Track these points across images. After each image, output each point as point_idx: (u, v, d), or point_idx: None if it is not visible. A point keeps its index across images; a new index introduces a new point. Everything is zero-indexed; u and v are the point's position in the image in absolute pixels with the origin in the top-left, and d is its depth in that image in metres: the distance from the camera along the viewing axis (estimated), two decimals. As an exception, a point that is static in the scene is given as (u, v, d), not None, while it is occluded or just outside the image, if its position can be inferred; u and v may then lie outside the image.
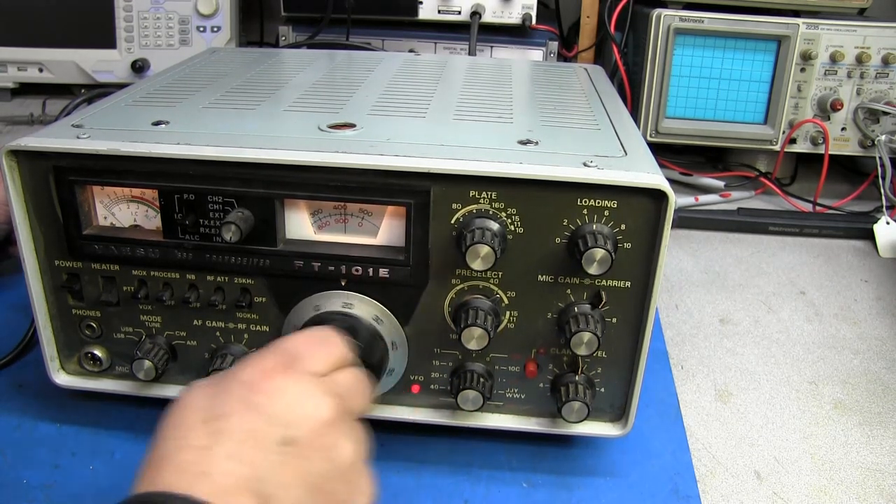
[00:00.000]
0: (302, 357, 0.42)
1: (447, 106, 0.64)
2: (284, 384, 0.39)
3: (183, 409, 0.39)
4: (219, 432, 0.37)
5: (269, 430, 0.37)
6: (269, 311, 0.56)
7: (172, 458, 0.36)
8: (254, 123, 0.57)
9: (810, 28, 1.02)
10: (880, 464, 0.63)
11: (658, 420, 0.64)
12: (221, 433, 0.37)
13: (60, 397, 0.62)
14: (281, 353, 0.41)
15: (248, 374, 0.40)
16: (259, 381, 0.39)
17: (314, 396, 0.39)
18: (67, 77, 1.31)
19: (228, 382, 0.39)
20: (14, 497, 0.54)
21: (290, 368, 0.41)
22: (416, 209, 0.51)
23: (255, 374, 0.40)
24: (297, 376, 0.40)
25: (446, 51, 1.23)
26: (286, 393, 0.39)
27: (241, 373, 0.40)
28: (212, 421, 0.37)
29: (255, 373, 0.40)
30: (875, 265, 0.97)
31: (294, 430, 0.38)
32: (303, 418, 0.38)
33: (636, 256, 0.51)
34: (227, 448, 0.36)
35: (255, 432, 0.37)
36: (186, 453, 0.36)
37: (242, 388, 0.39)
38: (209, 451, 0.36)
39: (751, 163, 1.18)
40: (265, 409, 0.38)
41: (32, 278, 0.56)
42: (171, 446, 0.37)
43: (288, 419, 0.38)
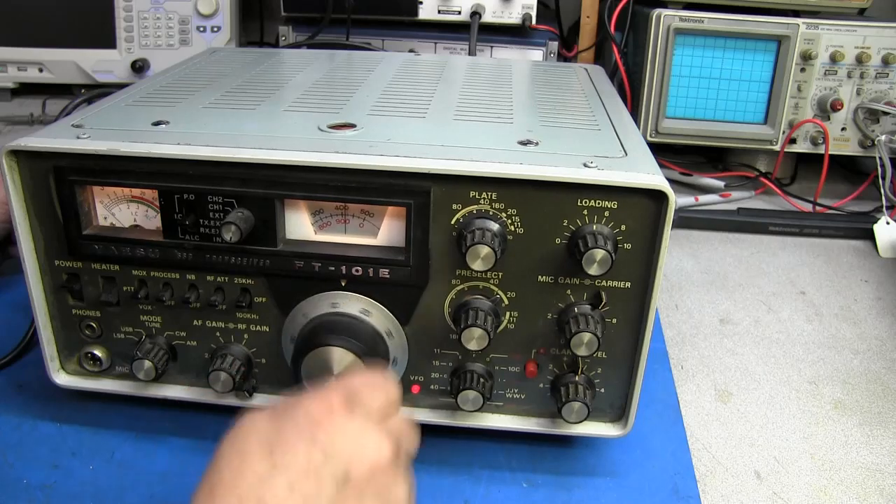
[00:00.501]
0: (362, 399, 0.42)
1: (447, 106, 0.64)
2: (347, 423, 0.40)
3: (246, 435, 0.39)
4: (281, 463, 0.37)
5: (329, 466, 0.38)
6: (269, 311, 0.56)
7: (231, 484, 0.37)
8: (253, 123, 0.57)
9: (810, 28, 1.02)
10: (880, 464, 0.63)
11: (658, 420, 0.64)
12: (284, 464, 0.37)
13: (60, 397, 0.62)
14: (341, 392, 0.42)
15: (313, 409, 0.40)
16: (324, 418, 0.40)
17: (374, 438, 0.40)
18: (67, 77, 1.31)
19: (293, 415, 0.40)
20: (14, 497, 0.54)
21: (353, 408, 0.41)
22: (416, 209, 0.51)
23: (321, 410, 0.40)
24: (360, 417, 0.41)
25: (446, 51, 1.23)
26: (348, 431, 0.40)
27: (308, 408, 0.40)
28: (275, 450, 0.38)
29: (320, 409, 0.40)
30: (875, 265, 0.97)
31: (353, 468, 0.38)
32: (362, 458, 0.39)
33: (636, 257, 0.51)
34: (287, 479, 0.37)
35: (316, 466, 0.37)
36: (245, 479, 0.37)
37: (307, 423, 0.39)
38: (269, 480, 0.36)
39: (751, 163, 1.18)
40: (328, 445, 0.38)
41: (32, 278, 0.56)
42: (230, 472, 0.37)
43: (348, 457, 0.39)
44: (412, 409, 0.59)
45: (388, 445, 0.41)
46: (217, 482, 0.37)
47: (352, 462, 0.39)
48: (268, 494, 0.36)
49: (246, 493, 0.36)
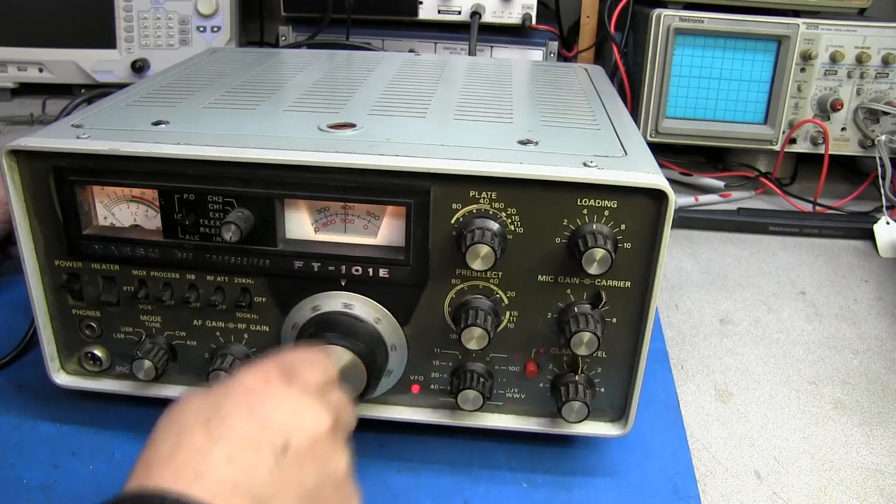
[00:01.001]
0: (300, 370, 0.42)
1: (447, 106, 0.64)
2: (285, 394, 0.40)
3: (181, 410, 0.39)
4: (218, 435, 0.37)
5: (268, 437, 0.37)
6: (269, 311, 0.56)
7: (168, 458, 0.36)
8: (254, 123, 0.57)
9: (810, 28, 1.02)
10: (880, 464, 0.63)
11: (658, 420, 0.64)
12: (221, 436, 0.37)
13: (60, 397, 0.62)
14: (278, 364, 0.42)
15: (249, 381, 0.40)
16: (261, 389, 0.40)
17: (313, 409, 0.40)
18: (67, 77, 1.31)
19: (229, 388, 0.40)
20: (14, 497, 0.54)
21: (291, 380, 0.41)
22: (416, 209, 0.51)
23: (258, 382, 0.40)
24: (298, 388, 0.41)
25: (446, 51, 1.23)
26: (287, 402, 0.39)
27: (243, 379, 0.40)
28: (212, 423, 0.37)
29: (257, 380, 0.40)
30: (875, 265, 0.97)
31: (292, 438, 0.38)
32: (301, 428, 0.39)
33: (636, 256, 0.51)
34: (225, 450, 0.36)
35: (255, 438, 0.37)
36: (183, 453, 0.36)
37: (244, 395, 0.39)
38: (207, 453, 0.36)
39: (751, 163, 1.18)
40: (266, 416, 0.38)
41: (32, 278, 0.56)
42: (167, 447, 0.37)
43: (287, 428, 0.38)
44: (412, 408, 0.59)
45: (326, 416, 0.40)
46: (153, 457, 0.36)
47: (291, 432, 0.38)
48: (205, 466, 0.35)
49: (183, 466, 0.35)
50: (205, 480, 0.35)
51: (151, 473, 0.35)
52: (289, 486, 0.37)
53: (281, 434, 0.38)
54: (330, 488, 0.40)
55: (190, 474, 0.35)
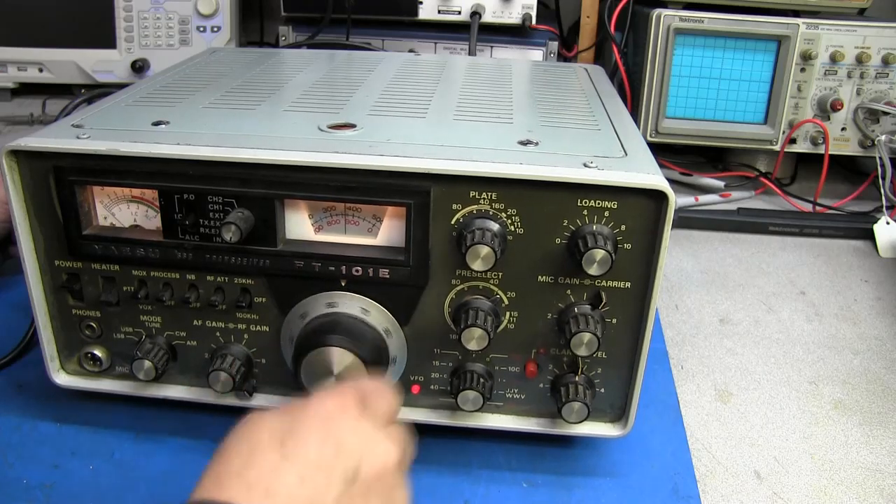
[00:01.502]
0: (373, 400, 0.43)
1: (447, 106, 0.64)
2: (360, 423, 0.40)
3: (256, 427, 0.39)
4: (292, 456, 0.37)
5: (340, 463, 0.38)
6: (269, 311, 0.56)
7: (240, 473, 0.36)
8: (253, 123, 0.57)
9: (810, 28, 1.02)
10: (880, 464, 0.63)
11: (658, 420, 0.64)
12: (295, 457, 0.37)
13: (60, 397, 0.62)
14: (355, 390, 0.43)
15: (327, 406, 0.40)
16: (338, 415, 0.40)
17: (384, 441, 0.41)
18: (67, 77, 1.31)
19: (305, 410, 0.40)
20: (14, 497, 0.54)
21: (365, 409, 0.42)
22: (416, 209, 0.51)
23: (335, 408, 0.40)
24: (370, 419, 0.41)
25: (446, 51, 1.23)
26: (361, 431, 0.40)
27: (320, 405, 0.41)
28: (287, 443, 0.38)
29: (334, 406, 0.41)
30: (875, 265, 0.97)
31: (363, 467, 0.39)
32: (372, 458, 0.39)
33: (636, 257, 0.51)
34: (298, 472, 0.36)
35: (328, 462, 0.37)
36: (255, 470, 0.36)
37: (320, 418, 0.39)
38: (280, 472, 0.36)
39: (751, 163, 1.18)
40: (340, 441, 0.39)
41: (32, 278, 0.56)
42: (238, 462, 0.37)
43: (359, 456, 0.39)
44: (412, 409, 0.59)
45: (395, 449, 0.41)
46: (225, 470, 0.37)
47: (362, 461, 0.39)
48: (277, 484, 0.35)
49: (255, 482, 0.36)
50: (275, 499, 0.35)
51: (222, 487, 0.36)
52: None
53: (353, 461, 0.38)
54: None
55: (261, 492, 0.35)
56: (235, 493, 0.35)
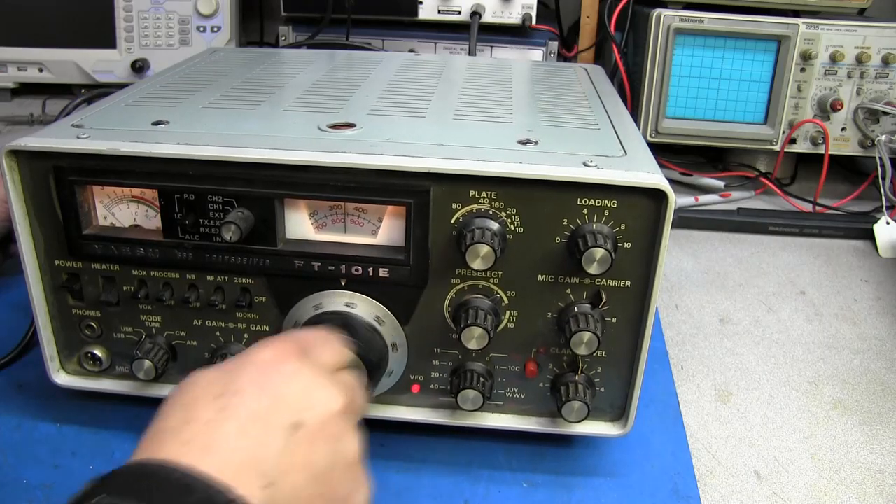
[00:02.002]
0: (315, 349, 0.42)
1: (447, 106, 0.64)
2: (299, 370, 0.39)
3: (192, 385, 0.38)
4: (229, 408, 0.36)
5: (279, 413, 0.37)
6: (269, 311, 0.56)
7: (177, 430, 0.35)
8: (254, 123, 0.57)
9: (810, 28, 1.02)
10: (880, 464, 0.63)
11: (658, 420, 0.64)
12: (232, 409, 0.36)
13: (60, 397, 0.62)
14: (294, 340, 0.41)
15: (263, 355, 0.39)
16: (274, 364, 0.39)
17: (326, 387, 0.39)
18: (67, 77, 1.31)
19: (242, 362, 0.39)
20: (14, 497, 0.54)
21: (305, 357, 0.40)
22: (416, 209, 0.51)
23: (271, 357, 0.39)
24: (312, 366, 0.40)
25: (446, 51, 1.23)
26: (300, 378, 0.39)
27: (256, 354, 0.39)
28: (223, 397, 0.36)
29: (270, 355, 0.39)
30: (875, 265, 0.97)
31: (304, 415, 0.37)
32: (314, 406, 0.38)
33: (636, 256, 0.51)
34: (235, 424, 0.35)
35: (266, 412, 0.36)
36: (192, 427, 0.35)
37: (257, 369, 0.38)
38: (217, 426, 0.35)
39: (751, 163, 1.18)
40: (278, 391, 0.37)
41: (32, 278, 0.56)
42: (176, 419, 0.36)
43: (300, 404, 0.38)
44: (412, 408, 0.59)
45: (339, 396, 0.39)
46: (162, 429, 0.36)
47: (303, 409, 0.38)
48: (214, 440, 0.35)
49: (192, 439, 0.35)
50: (214, 455, 0.34)
51: (160, 446, 0.35)
52: (299, 465, 0.36)
53: (293, 411, 0.37)
54: (341, 470, 0.39)
55: (199, 448, 0.34)
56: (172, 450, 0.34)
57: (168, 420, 0.36)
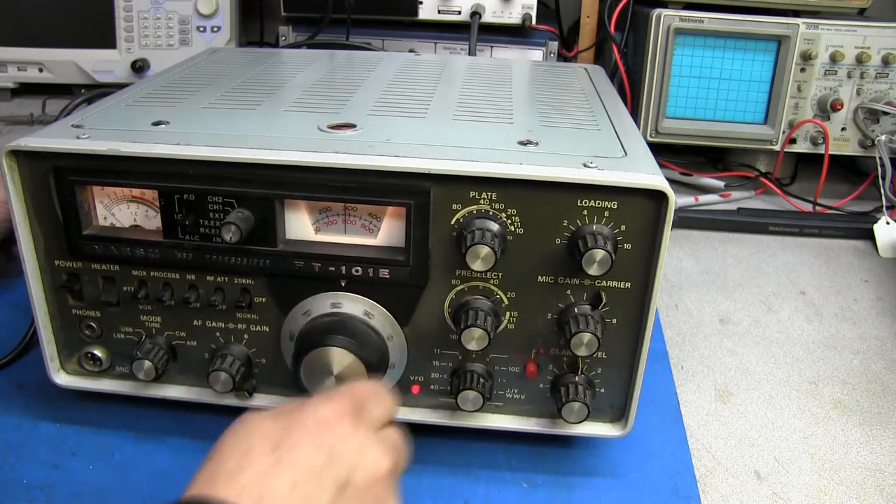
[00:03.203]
0: (369, 406, 0.43)
1: (447, 106, 0.64)
2: (353, 431, 0.41)
3: (250, 431, 0.39)
4: (286, 461, 0.37)
5: (331, 470, 0.38)
6: (269, 311, 0.56)
7: (233, 475, 0.37)
8: (253, 123, 0.57)
9: (810, 28, 1.02)
10: (880, 464, 0.63)
11: (658, 420, 0.64)
12: (287, 464, 0.37)
13: (60, 397, 0.62)
14: (352, 396, 0.43)
15: (322, 413, 0.41)
16: (333, 422, 0.40)
17: (377, 448, 0.41)
18: (67, 77, 1.31)
19: (300, 417, 0.40)
20: (14, 497, 0.54)
21: (360, 416, 0.42)
22: (416, 209, 0.51)
23: (330, 415, 0.41)
24: (365, 427, 0.42)
25: (446, 51, 1.23)
26: (353, 439, 0.40)
27: (315, 411, 0.41)
28: (279, 449, 0.38)
29: (329, 413, 0.41)
30: (875, 265, 0.97)
31: (355, 475, 0.39)
32: (364, 466, 0.40)
33: (636, 257, 0.51)
34: (289, 478, 0.37)
35: (319, 469, 0.38)
36: (248, 474, 0.37)
37: (315, 425, 0.40)
38: (272, 478, 0.37)
39: (751, 163, 1.18)
40: (332, 450, 0.39)
41: (32, 278, 0.56)
42: (231, 465, 0.37)
43: (352, 463, 0.39)
44: (412, 408, 0.59)
45: (387, 458, 0.41)
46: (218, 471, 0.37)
47: (355, 469, 0.39)
48: (269, 490, 0.36)
49: (248, 486, 0.36)
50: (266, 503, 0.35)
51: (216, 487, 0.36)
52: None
53: (344, 469, 0.39)
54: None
55: (254, 495, 0.36)
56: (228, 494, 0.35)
57: (224, 463, 0.38)
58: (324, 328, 0.53)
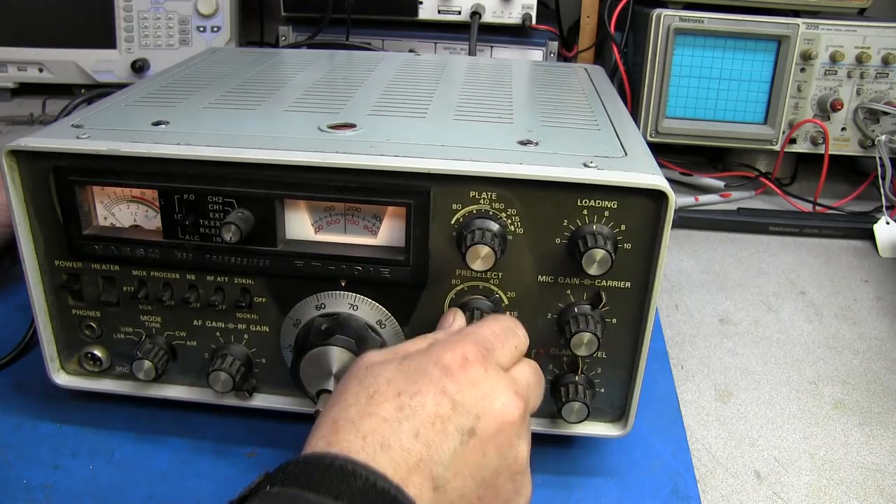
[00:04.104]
0: (495, 350, 0.42)
1: (447, 106, 0.64)
2: (479, 376, 0.40)
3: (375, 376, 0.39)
4: (409, 408, 0.37)
5: (456, 418, 0.38)
6: (269, 311, 0.56)
7: (357, 422, 0.36)
8: (253, 123, 0.57)
9: (810, 28, 1.02)
10: (880, 464, 0.63)
11: (658, 420, 0.64)
12: (412, 410, 0.37)
13: (60, 397, 0.62)
14: (476, 343, 0.42)
15: (447, 358, 0.40)
16: (456, 369, 0.40)
17: (505, 394, 0.40)
18: (67, 77, 1.31)
19: (426, 362, 0.40)
20: (14, 497, 0.54)
21: (486, 361, 0.41)
22: (416, 209, 0.51)
23: (454, 361, 0.40)
24: (492, 371, 0.41)
25: (446, 51, 1.23)
26: (480, 385, 0.40)
27: (441, 356, 0.40)
28: (404, 396, 0.37)
29: (454, 359, 0.40)
30: (875, 265, 0.97)
31: (480, 422, 0.38)
32: (490, 413, 0.39)
33: (636, 257, 0.51)
34: (413, 425, 0.36)
35: (444, 417, 0.37)
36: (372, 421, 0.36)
37: (439, 372, 0.39)
38: (396, 425, 0.36)
39: (751, 163, 1.18)
40: (458, 396, 0.38)
41: (32, 278, 0.56)
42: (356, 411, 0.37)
43: (477, 411, 0.39)
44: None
45: (517, 403, 0.40)
46: (341, 417, 0.37)
47: (479, 416, 0.38)
48: (392, 437, 0.36)
49: (370, 434, 0.36)
50: (390, 452, 0.35)
51: (339, 434, 0.36)
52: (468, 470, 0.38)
53: (470, 416, 0.38)
54: (505, 477, 0.40)
55: (376, 444, 0.35)
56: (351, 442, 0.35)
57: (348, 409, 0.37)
58: (322, 327, 0.53)
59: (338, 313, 0.54)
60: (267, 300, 0.56)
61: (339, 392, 0.39)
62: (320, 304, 0.55)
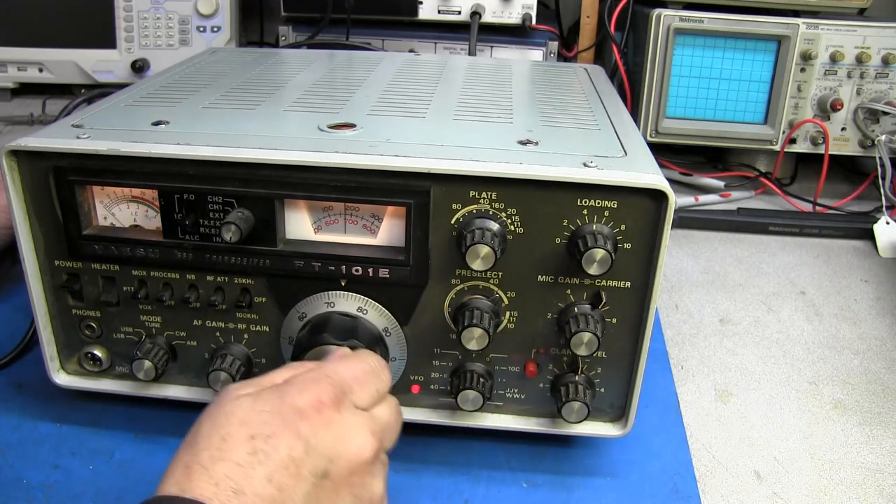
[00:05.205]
0: (353, 391, 0.42)
1: (447, 106, 0.64)
2: (334, 418, 0.40)
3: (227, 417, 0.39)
4: (262, 453, 0.37)
5: (310, 461, 0.38)
6: (269, 311, 0.56)
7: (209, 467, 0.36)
8: (253, 123, 0.57)
9: (810, 28, 1.02)
10: (880, 464, 0.63)
11: (658, 420, 0.64)
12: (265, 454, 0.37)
13: (60, 397, 0.62)
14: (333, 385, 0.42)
15: (302, 400, 0.40)
16: (311, 411, 0.40)
17: (360, 436, 0.40)
18: (67, 77, 1.31)
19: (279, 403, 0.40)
20: (14, 497, 0.54)
21: (341, 403, 0.41)
22: (416, 209, 0.51)
23: (309, 403, 0.40)
24: (347, 413, 0.41)
25: (446, 51, 1.23)
26: (334, 427, 0.40)
27: (295, 397, 0.40)
28: (258, 439, 0.37)
29: (309, 401, 0.40)
30: (875, 265, 0.97)
31: (334, 465, 0.39)
32: (344, 455, 0.39)
33: (636, 256, 0.51)
34: (267, 470, 0.36)
35: (297, 460, 0.37)
36: (224, 466, 0.36)
37: (294, 414, 0.39)
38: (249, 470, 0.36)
39: (751, 163, 1.18)
40: (312, 439, 0.38)
41: (32, 278, 0.56)
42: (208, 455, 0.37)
43: (330, 454, 0.39)
44: (412, 408, 0.59)
45: (371, 443, 0.40)
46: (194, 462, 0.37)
47: (333, 459, 0.38)
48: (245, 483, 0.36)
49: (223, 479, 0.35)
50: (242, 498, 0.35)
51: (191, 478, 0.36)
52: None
53: (323, 459, 0.38)
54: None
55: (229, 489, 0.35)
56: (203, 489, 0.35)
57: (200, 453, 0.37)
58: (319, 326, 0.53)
59: (345, 312, 0.54)
60: (267, 300, 0.56)
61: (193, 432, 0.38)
62: (330, 302, 0.55)
